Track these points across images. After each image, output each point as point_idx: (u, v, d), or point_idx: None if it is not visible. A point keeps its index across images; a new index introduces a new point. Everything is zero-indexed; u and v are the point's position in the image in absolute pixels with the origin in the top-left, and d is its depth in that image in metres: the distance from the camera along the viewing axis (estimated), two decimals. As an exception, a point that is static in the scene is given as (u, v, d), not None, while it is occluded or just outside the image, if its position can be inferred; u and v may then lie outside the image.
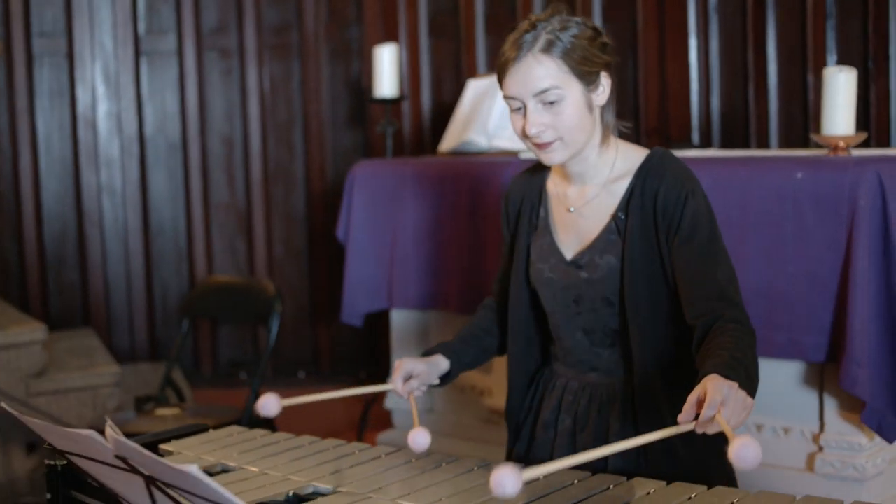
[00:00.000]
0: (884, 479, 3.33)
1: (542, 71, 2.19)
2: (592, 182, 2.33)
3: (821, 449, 3.33)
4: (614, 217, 2.28)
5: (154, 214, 5.99)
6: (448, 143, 4.42)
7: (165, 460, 1.47)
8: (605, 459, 2.25)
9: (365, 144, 6.04)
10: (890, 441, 3.14)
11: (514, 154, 4.12)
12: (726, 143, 5.03)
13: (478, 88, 4.47)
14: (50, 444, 1.82)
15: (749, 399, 1.85)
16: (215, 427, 2.59)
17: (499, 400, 4.00)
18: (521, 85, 2.21)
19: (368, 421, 5.03)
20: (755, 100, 4.93)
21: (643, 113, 5.25)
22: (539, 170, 2.47)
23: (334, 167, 6.05)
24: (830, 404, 3.32)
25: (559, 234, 2.37)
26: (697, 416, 1.80)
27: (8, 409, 1.80)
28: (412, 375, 2.38)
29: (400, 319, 4.39)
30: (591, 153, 2.30)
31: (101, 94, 5.86)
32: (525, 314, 2.47)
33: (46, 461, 2.36)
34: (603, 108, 2.29)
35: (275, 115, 6.04)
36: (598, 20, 5.35)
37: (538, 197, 2.44)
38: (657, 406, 2.25)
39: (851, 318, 3.06)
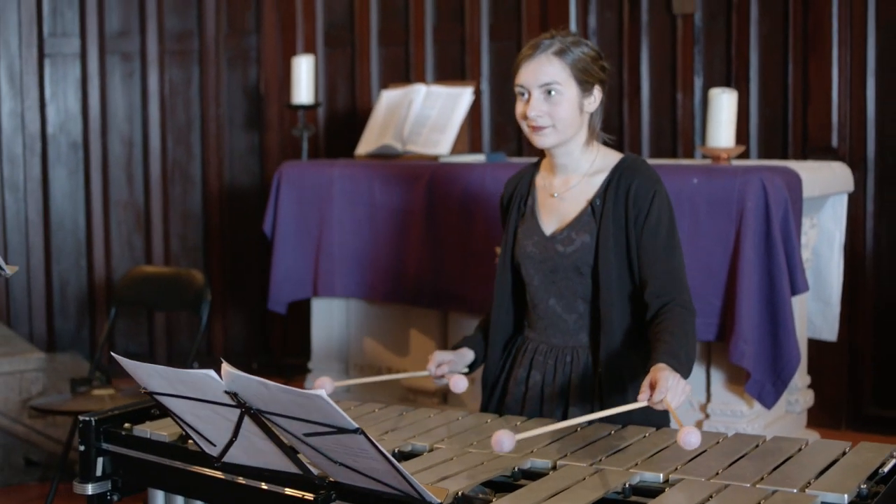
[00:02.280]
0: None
1: (550, 69, 2.68)
2: (575, 173, 2.80)
3: (707, 416, 3.87)
4: (591, 203, 2.75)
5: (55, 210, 6.19)
6: (365, 147, 4.83)
7: (291, 387, 1.86)
8: (565, 411, 2.74)
9: (260, 147, 6.37)
10: (768, 407, 3.70)
11: (434, 158, 4.57)
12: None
13: (391, 98, 4.90)
14: (145, 389, 2.16)
15: (688, 386, 2.41)
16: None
17: (414, 380, 4.41)
18: (531, 76, 2.69)
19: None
20: (629, 114, 5.49)
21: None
22: (525, 172, 2.93)
23: (230, 168, 6.37)
24: (716, 378, 3.87)
25: (542, 216, 2.84)
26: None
27: (118, 357, 2.13)
28: (442, 363, 2.85)
29: (321, 308, 4.77)
30: (575, 148, 2.77)
31: (5, 93, 6.04)
32: (507, 288, 2.92)
33: (80, 417, 2.69)
34: (592, 114, 2.77)
35: (174, 118, 6.32)
36: (484, 38, 5.84)
37: (527, 190, 2.90)
38: (619, 362, 2.72)
39: (739, 302, 3.60)
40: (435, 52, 5.99)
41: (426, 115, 4.72)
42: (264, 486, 2.32)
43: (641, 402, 2.38)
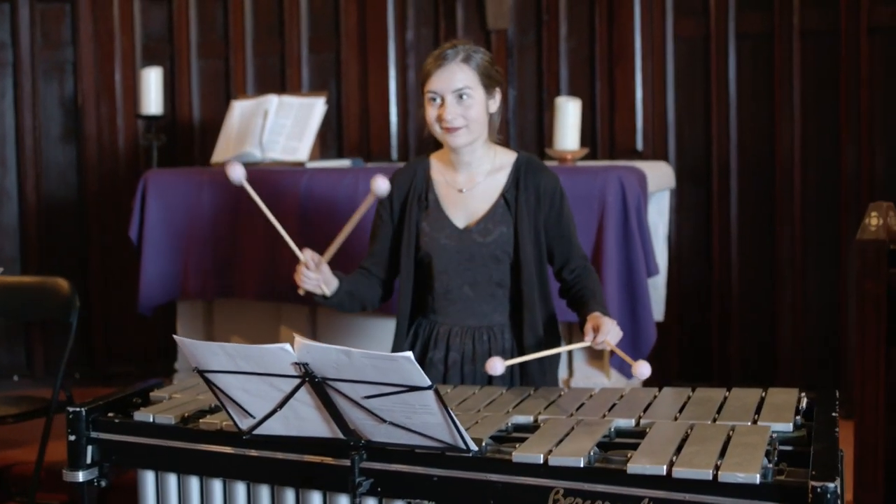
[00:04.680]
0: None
1: (461, 75, 3.01)
2: (479, 170, 3.14)
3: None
4: (503, 196, 3.11)
5: None
6: (222, 154, 5.03)
7: (374, 352, 2.14)
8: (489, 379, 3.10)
9: (78, 159, 6.40)
10: (629, 378, 4.19)
11: (296, 164, 4.83)
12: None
13: (244, 108, 5.12)
14: (197, 368, 2.37)
15: (619, 328, 2.89)
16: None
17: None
18: (445, 83, 3.00)
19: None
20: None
21: (345, 131, 6.08)
22: (414, 167, 3.22)
23: (47, 181, 6.37)
24: (577, 355, 4.33)
25: (449, 210, 3.15)
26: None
27: (178, 338, 2.33)
28: (319, 261, 3.04)
29: (185, 310, 4.94)
30: (478, 146, 3.11)
31: None
32: (410, 278, 3.20)
33: (69, 409, 2.84)
34: (492, 114, 3.12)
35: (-12, 131, 6.28)
36: (304, 51, 6.13)
37: (424, 185, 3.19)
38: (536, 333, 3.11)
39: (603, 286, 4.06)
40: (255, 65, 6.22)
41: (281, 124, 4.97)
42: (280, 455, 2.56)
43: (586, 342, 2.86)
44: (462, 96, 3.00)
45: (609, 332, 2.84)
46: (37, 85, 6.31)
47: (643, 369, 2.69)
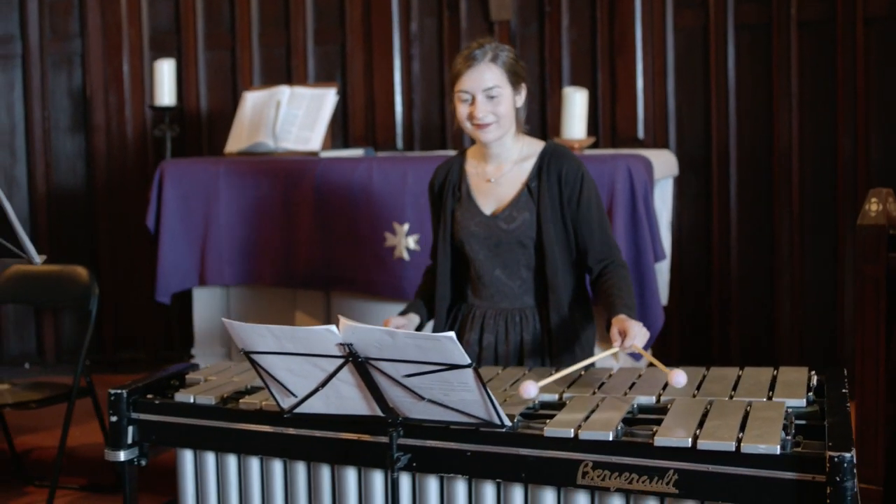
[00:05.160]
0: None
1: (490, 74, 3.13)
2: (507, 161, 3.28)
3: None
4: (527, 185, 3.24)
5: None
6: (236, 144, 5.15)
7: (417, 332, 2.27)
8: (521, 364, 3.24)
9: (86, 150, 6.50)
10: (637, 361, 4.32)
11: (310, 154, 4.95)
12: (426, 146, 6.10)
13: (256, 99, 5.24)
14: (243, 349, 2.50)
15: (646, 329, 2.94)
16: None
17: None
18: (475, 82, 3.13)
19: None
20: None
21: (351, 121, 6.20)
22: (452, 161, 3.38)
23: (57, 171, 6.47)
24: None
25: (479, 199, 3.29)
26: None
27: (227, 321, 2.45)
28: (399, 327, 3.22)
29: (202, 297, 5.05)
30: (508, 139, 3.25)
31: None
32: (447, 264, 3.37)
33: (110, 391, 2.96)
34: (518, 108, 3.25)
35: (-4, 122, 6.38)
36: (309, 43, 6.24)
37: (458, 177, 3.35)
38: (564, 318, 3.23)
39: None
40: (261, 57, 6.33)
41: (294, 115, 5.09)
42: (317, 433, 2.69)
43: (614, 349, 2.91)
44: (492, 95, 3.13)
45: (636, 336, 2.88)
46: (46, 77, 6.41)
47: (679, 378, 2.66)
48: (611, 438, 2.42)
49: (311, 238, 4.68)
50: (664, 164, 4.86)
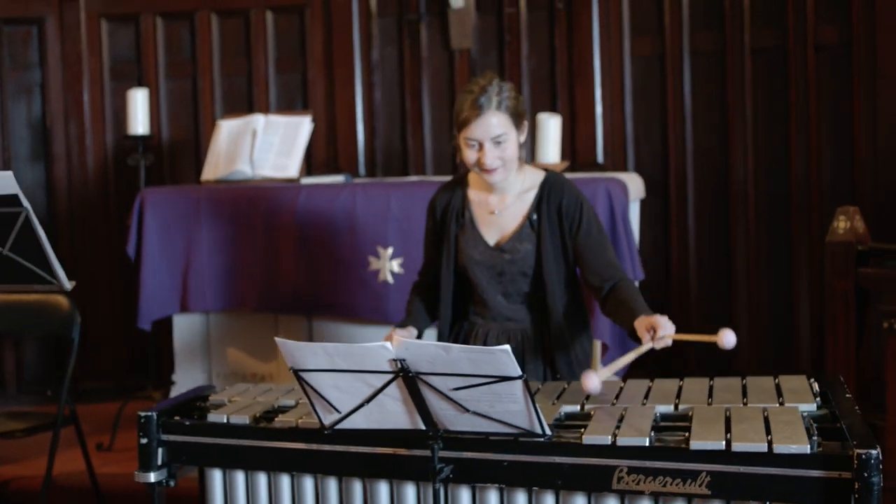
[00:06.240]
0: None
1: (496, 121, 3.24)
2: (510, 193, 3.41)
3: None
4: (528, 217, 3.38)
5: None
6: (212, 172, 5.21)
7: (472, 346, 2.38)
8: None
9: (46, 179, 6.50)
10: (620, 376, 4.46)
11: (289, 181, 5.04)
12: (388, 173, 6.21)
13: (231, 127, 5.31)
14: (293, 367, 2.58)
15: (670, 321, 3.05)
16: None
17: (279, 382, 4.85)
18: (483, 131, 3.24)
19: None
20: (412, 138, 6.15)
21: (314, 149, 6.28)
22: (454, 186, 3.50)
23: (16, 201, 6.44)
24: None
25: (482, 228, 3.43)
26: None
27: (279, 340, 2.54)
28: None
29: (181, 323, 5.10)
30: (512, 173, 3.38)
31: None
32: (450, 287, 3.49)
33: (140, 413, 3.01)
34: (522, 144, 3.38)
35: (-44, 152, 6.34)
36: (271, 71, 6.32)
37: (462, 204, 3.47)
38: (563, 338, 3.38)
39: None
40: (223, 85, 6.39)
41: (269, 142, 5.17)
42: (353, 448, 2.78)
43: (648, 345, 3.01)
44: (499, 141, 3.25)
45: (665, 328, 2.98)
46: (5, 106, 6.40)
47: (729, 337, 2.88)
48: (647, 444, 2.55)
49: (293, 263, 4.76)
50: (635, 187, 5.03)
